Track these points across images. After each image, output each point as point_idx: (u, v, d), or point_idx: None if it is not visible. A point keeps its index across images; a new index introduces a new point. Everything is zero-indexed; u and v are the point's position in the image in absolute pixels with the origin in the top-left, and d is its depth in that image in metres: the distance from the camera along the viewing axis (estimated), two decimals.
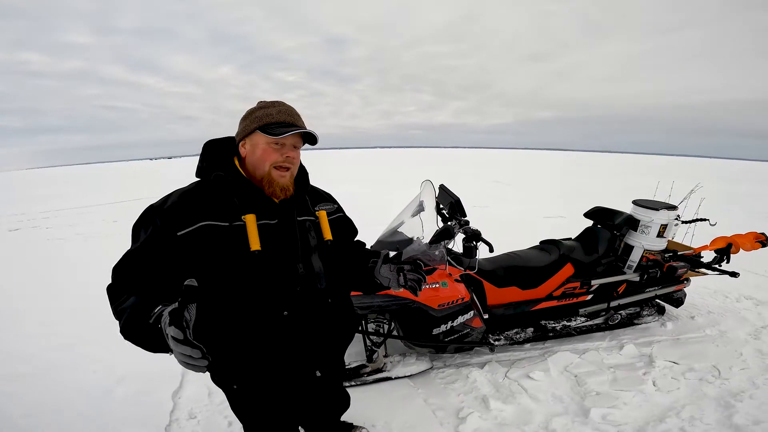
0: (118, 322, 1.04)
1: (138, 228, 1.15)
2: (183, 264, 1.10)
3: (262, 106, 1.22)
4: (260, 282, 1.17)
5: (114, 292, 1.10)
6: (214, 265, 1.12)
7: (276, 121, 1.16)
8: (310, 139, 1.25)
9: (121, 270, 1.11)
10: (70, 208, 9.76)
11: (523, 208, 8.76)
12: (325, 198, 1.46)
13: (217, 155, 1.23)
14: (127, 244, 1.14)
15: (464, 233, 2.28)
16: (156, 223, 1.11)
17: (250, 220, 1.15)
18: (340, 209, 1.48)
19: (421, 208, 2.43)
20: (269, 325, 1.21)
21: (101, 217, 8.35)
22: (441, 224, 2.52)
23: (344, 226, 1.50)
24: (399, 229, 2.51)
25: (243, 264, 1.14)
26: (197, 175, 1.22)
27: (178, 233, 1.09)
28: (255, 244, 1.13)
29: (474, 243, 2.26)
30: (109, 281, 1.12)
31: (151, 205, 1.15)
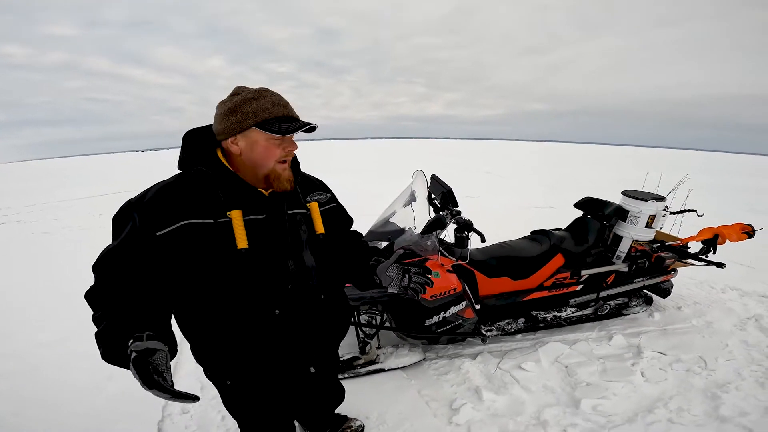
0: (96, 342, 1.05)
1: (116, 224, 1.09)
2: (165, 264, 1.06)
3: (252, 97, 1.09)
4: (249, 281, 1.13)
5: (94, 295, 1.06)
6: (199, 264, 1.08)
7: (276, 117, 1.08)
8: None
9: (100, 268, 1.07)
10: (55, 201, 9.57)
11: (514, 199, 8.81)
12: (318, 186, 1.38)
13: (199, 147, 1.14)
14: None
15: (456, 223, 2.27)
16: (134, 221, 1.05)
17: (236, 217, 1.09)
18: (333, 198, 1.41)
19: (412, 198, 2.42)
20: (261, 324, 1.19)
21: (87, 210, 8.21)
22: (433, 214, 2.52)
23: (338, 216, 1.44)
24: (391, 219, 2.50)
25: (230, 263, 1.09)
26: (179, 167, 1.15)
27: (158, 233, 1.03)
28: (242, 241, 1.08)
29: (466, 233, 2.26)
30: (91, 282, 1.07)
31: (129, 200, 1.09)
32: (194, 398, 0.93)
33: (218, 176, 1.11)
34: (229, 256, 1.09)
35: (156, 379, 0.93)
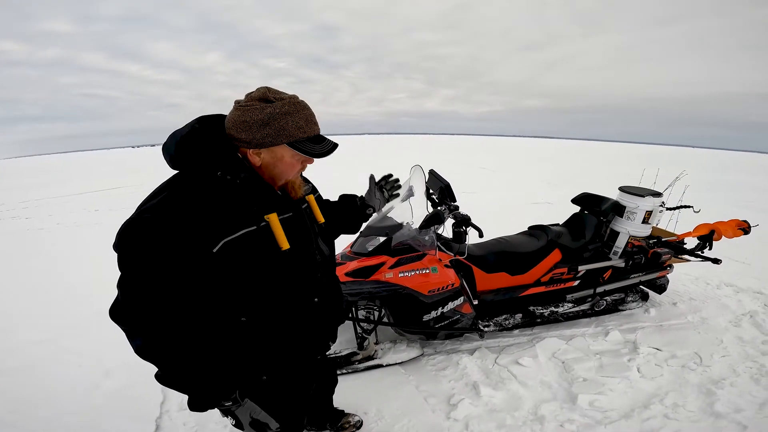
0: (167, 365, 1.02)
1: (143, 249, 0.93)
2: (217, 278, 1.01)
3: (287, 111, 1.01)
4: (293, 277, 1.17)
5: (158, 348, 0.99)
6: (249, 272, 1.06)
7: (309, 138, 1.06)
8: None
9: (147, 314, 0.96)
10: (50, 198, 9.51)
11: (512, 194, 8.81)
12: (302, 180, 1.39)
13: (223, 151, 1.05)
14: (108, 234, 0.99)
15: (454, 218, 2.28)
16: (179, 241, 0.94)
17: (274, 220, 1.08)
18: (315, 187, 1.42)
19: (410, 193, 2.42)
20: (304, 313, 1.23)
21: (82, 206, 8.15)
22: (430, 209, 2.52)
23: (322, 202, 1.48)
24: (389, 215, 2.50)
25: (276, 264, 1.10)
26: (193, 166, 1.04)
27: (214, 249, 0.97)
28: (285, 243, 1.09)
29: (463, 228, 2.26)
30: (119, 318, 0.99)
31: (153, 218, 0.94)
32: None
33: (253, 182, 1.07)
34: (275, 258, 1.10)
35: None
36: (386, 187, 1.65)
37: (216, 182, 1.03)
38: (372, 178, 1.66)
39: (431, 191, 2.62)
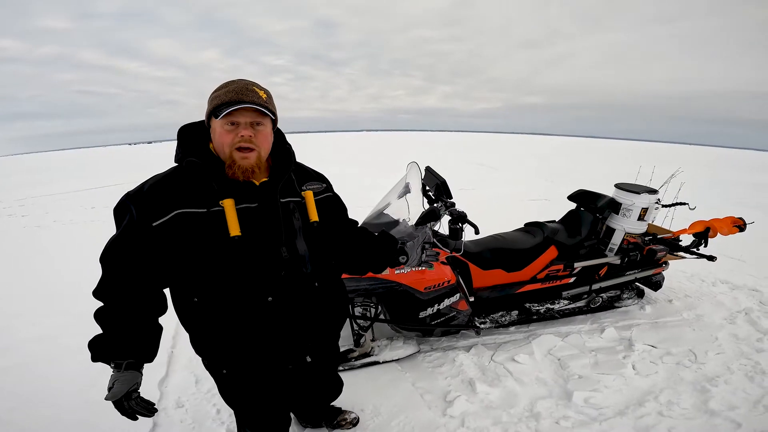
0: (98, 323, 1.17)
1: (116, 216, 1.14)
2: (162, 254, 1.10)
3: (216, 88, 1.14)
4: (242, 268, 1.15)
5: (99, 287, 1.15)
6: (193, 253, 1.10)
7: (223, 102, 1.08)
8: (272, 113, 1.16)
9: (104, 260, 1.14)
10: (46, 195, 9.47)
11: (508, 191, 8.82)
12: (314, 177, 1.38)
13: (192, 140, 1.18)
14: (105, 231, 1.12)
15: (450, 215, 2.27)
16: (131, 213, 1.10)
17: (229, 205, 1.10)
18: (329, 188, 1.40)
19: (407, 190, 2.41)
20: (254, 311, 1.20)
21: (79, 204, 8.13)
22: (427, 206, 2.52)
23: (333, 205, 1.43)
24: (385, 211, 2.49)
25: (223, 251, 1.11)
26: (176, 161, 1.17)
27: (153, 224, 1.08)
28: (234, 229, 1.10)
29: (460, 225, 2.26)
30: (90, 268, 1.11)
31: (128, 193, 1.13)
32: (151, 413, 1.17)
33: (210, 167, 1.12)
34: (222, 244, 1.11)
35: (126, 408, 1.14)
36: (426, 253, 1.73)
37: (178, 169, 1.16)
38: (426, 233, 1.78)
39: (427, 188, 2.62)
